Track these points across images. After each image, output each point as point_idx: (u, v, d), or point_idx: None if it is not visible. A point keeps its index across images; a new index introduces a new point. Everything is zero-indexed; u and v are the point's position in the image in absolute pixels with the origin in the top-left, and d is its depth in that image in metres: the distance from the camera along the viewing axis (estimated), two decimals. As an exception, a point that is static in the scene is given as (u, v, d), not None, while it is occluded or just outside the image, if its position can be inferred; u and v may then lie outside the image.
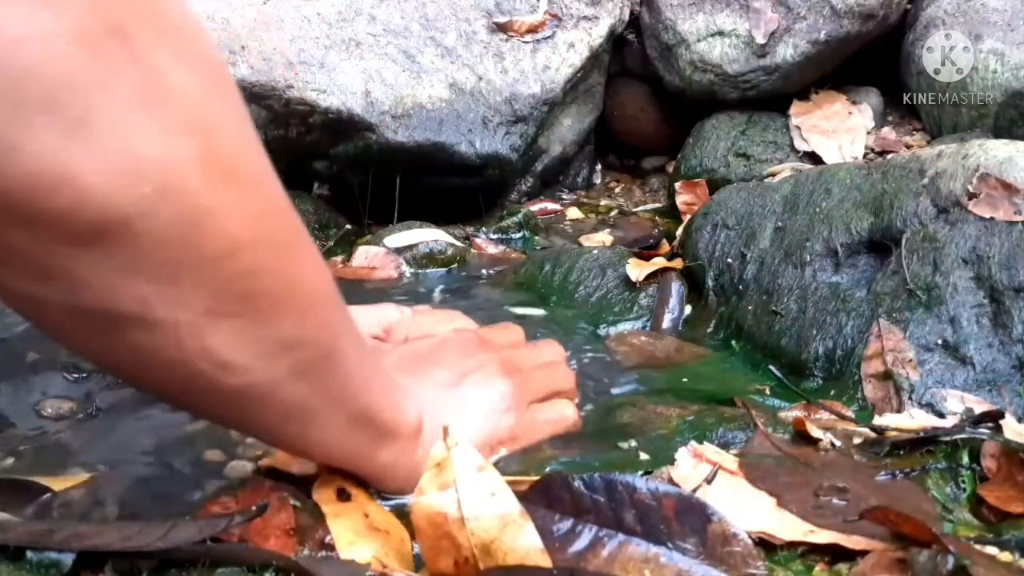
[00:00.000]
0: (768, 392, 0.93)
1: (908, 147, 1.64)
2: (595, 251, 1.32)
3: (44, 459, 0.80)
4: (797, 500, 0.66)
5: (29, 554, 0.51)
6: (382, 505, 0.68)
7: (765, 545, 0.61)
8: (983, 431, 0.75)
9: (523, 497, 0.60)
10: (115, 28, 0.39)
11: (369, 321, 0.85)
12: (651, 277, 1.23)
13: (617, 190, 1.87)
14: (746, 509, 0.64)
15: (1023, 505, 0.66)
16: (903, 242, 1.02)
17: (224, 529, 0.58)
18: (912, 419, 0.80)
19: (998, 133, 1.45)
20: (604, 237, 1.56)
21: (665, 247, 1.43)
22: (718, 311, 1.18)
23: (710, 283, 1.21)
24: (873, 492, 0.69)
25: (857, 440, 0.78)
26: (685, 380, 0.99)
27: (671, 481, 0.67)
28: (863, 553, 0.60)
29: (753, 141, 1.68)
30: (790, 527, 0.62)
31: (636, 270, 1.23)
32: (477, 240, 1.47)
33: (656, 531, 0.59)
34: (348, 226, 1.56)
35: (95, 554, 0.52)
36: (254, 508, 0.60)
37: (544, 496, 0.62)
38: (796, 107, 1.71)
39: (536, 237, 1.54)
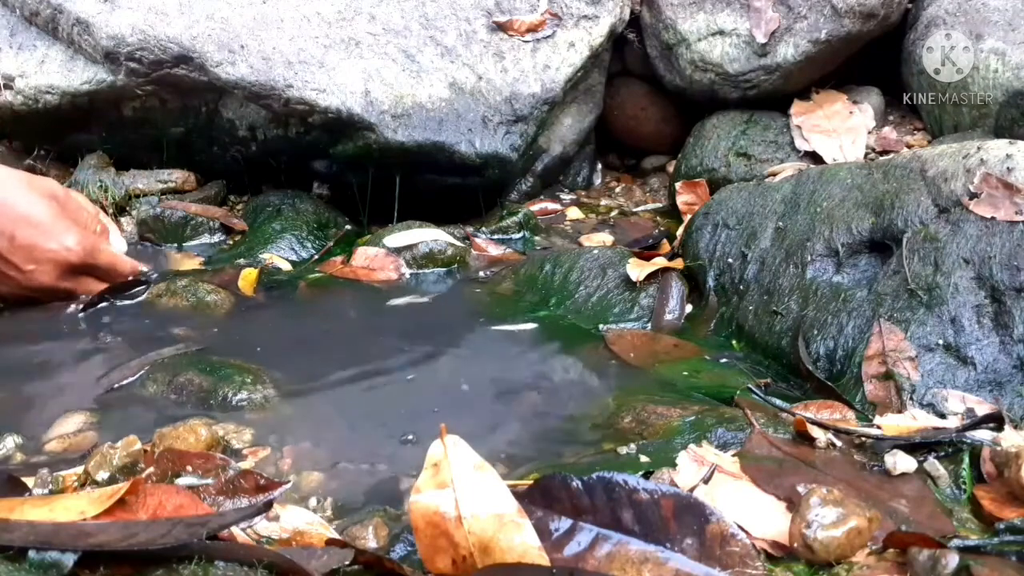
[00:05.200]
0: (767, 391, 0.93)
1: (909, 147, 1.64)
2: (595, 251, 1.32)
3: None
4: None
5: (30, 554, 0.51)
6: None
7: (771, 547, 0.61)
8: (983, 434, 0.75)
9: (522, 497, 0.60)
10: None
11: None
12: (651, 277, 1.23)
13: (617, 190, 1.87)
14: (750, 512, 0.64)
15: (1015, 511, 0.66)
16: (904, 242, 1.02)
17: (222, 527, 0.58)
18: (914, 420, 0.80)
19: (999, 133, 1.45)
20: (604, 237, 1.56)
21: (665, 247, 1.43)
22: (719, 311, 1.17)
23: (711, 283, 1.21)
24: (875, 491, 0.69)
25: (858, 440, 0.77)
26: (685, 380, 0.99)
27: (672, 484, 0.67)
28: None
29: (754, 141, 1.68)
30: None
31: (636, 270, 1.23)
32: (477, 240, 1.47)
33: (655, 531, 0.59)
34: (348, 226, 1.56)
35: (96, 554, 0.52)
36: (255, 505, 0.59)
37: (543, 496, 0.62)
38: (797, 107, 1.70)
39: (536, 237, 1.54)
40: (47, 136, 1.66)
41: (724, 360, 1.06)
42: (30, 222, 1.12)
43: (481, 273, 1.37)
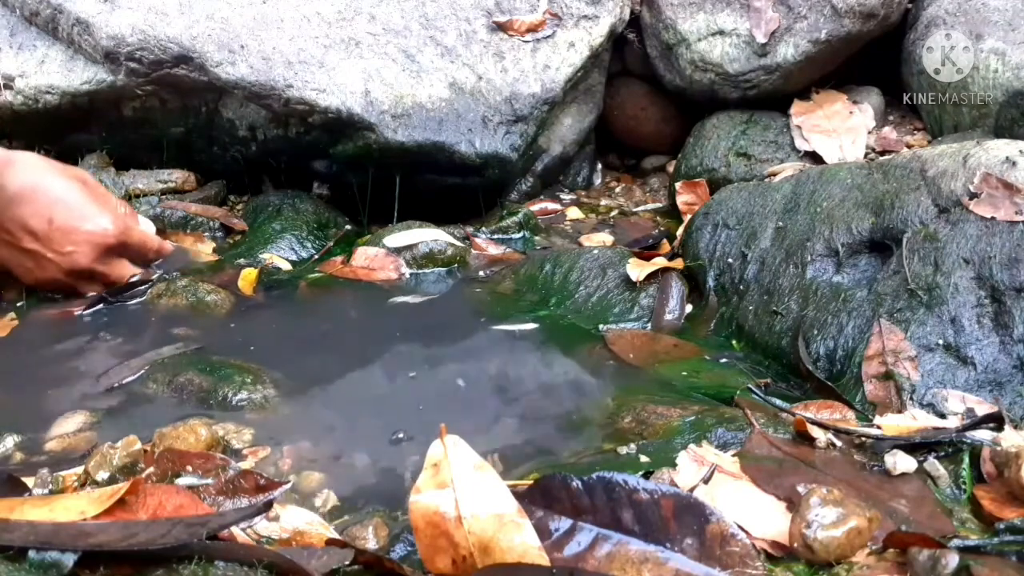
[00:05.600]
0: (767, 391, 0.93)
1: (909, 147, 1.64)
2: (595, 251, 1.32)
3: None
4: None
5: (30, 554, 0.51)
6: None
7: (772, 548, 0.61)
8: (983, 434, 0.75)
9: (522, 497, 0.60)
10: None
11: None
12: (651, 277, 1.23)
13: (617, 190, 1.87)
14: (750, 512, 0.64)
15: (1015, 511, 0.66)
16: (904, 242, 1.02)
17: (222, 527, 0.58)
18: (914, 420, 0.80)
19: (999, 133, 1.45)
20: (604, 237, 1.56)
21: (665, 247, 1.43)
22: (719, 311, 1.17)
23: (711, 283, 1.21)
24: (875, 491, 0.69)
25: (858, 440, 0.77)
26: (685, 380, 0.99)
27: (672, 484, 0.67)
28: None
29: (754, 141, 1.68)
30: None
31: (636, 270, 1.23)
32: (477, 240, 1.47)
33: (654, 531, 0.59)
34: (348, 226, 1.56)
35: (96, 554, 0.52)
36: (255, 505, 0.60)
37: (543, 496, 0.62)
38: (797, 107, 1.70)
39: (536, 237, 1.54)
40: (47, 136, 1.66)
41: (724, 360, 1.06)
42: (67, 205, 1.15)
43: (481, 273, 1.37)
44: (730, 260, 1.20)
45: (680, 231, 1.37)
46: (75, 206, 1.16)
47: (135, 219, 1.29)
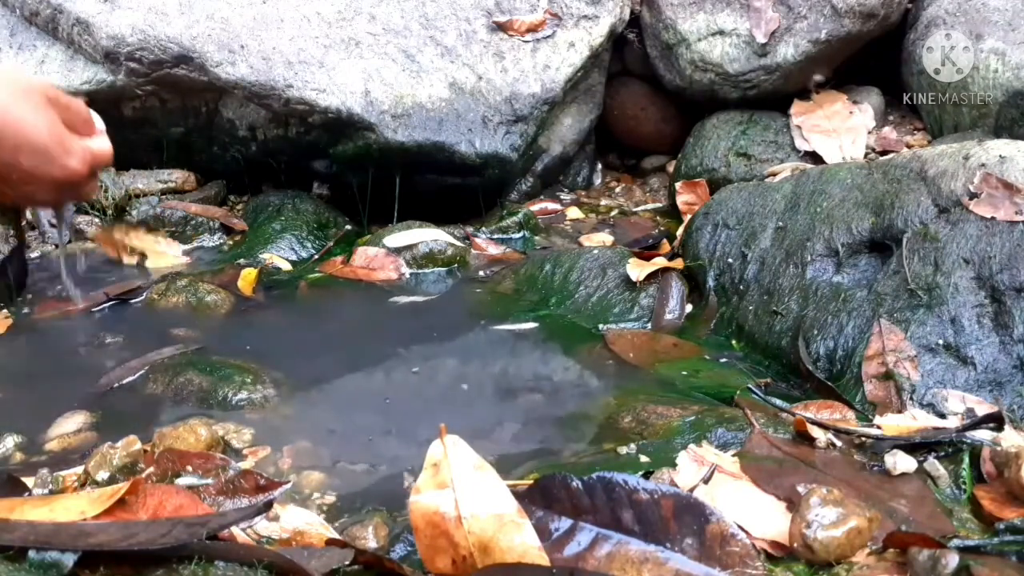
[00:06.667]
0: (767, 391, 0.93)
1: (909, 147, 1.64)
2: (595, 251, 1.32)
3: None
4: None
5: (30, 554, 0.51)
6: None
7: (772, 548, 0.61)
8: (983, 434, 0.75)
9: (522, 497, 0.60)
10: None
11: None
12: (651, 277, 1.23)
13: (617, 190, 1.87)
14: (750, 512, 0.64)
15: (1015, 511, 0.66)
16: (904, 242, 1.02)
17: (222, 527, 0.58)
18: (914, 420, 0.80)
19: (999, 133, 1.45)
20: (604, 237, 1.56)
21: (665, 247, 1.43)
22: (719, 311, 1.17)
23: (711, 283, 1.21)
24: (875, 491, 0.69)
25: (858, 440, 0.77)
26: (685, 379, 0.99)
27: (672, 484, 0.67)
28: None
29: (754, 141, 1.68)
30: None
31: (636, 270, 1.23)
32: (477, 240, 1.47)
33: (655, 531, 0.59)
34: (348, 226, 1.56)
35: (96, 554, 0.52)
36: (255, 505, 0.59)
37: (543, 496, 0.62)
38: (797, 107, 1.70)
39: (536, 237, 1.54)
40: (47, 136, 1.66)
41: (724, 360, 1.06)
42: (34, 149, 1.08)
43: (481, 273, 1.37)
44: (730, 260, 1.20)
45: (680, 231, 1.37)
46: (44, 148, 1.08)
47: (94, 128, 1.20)
